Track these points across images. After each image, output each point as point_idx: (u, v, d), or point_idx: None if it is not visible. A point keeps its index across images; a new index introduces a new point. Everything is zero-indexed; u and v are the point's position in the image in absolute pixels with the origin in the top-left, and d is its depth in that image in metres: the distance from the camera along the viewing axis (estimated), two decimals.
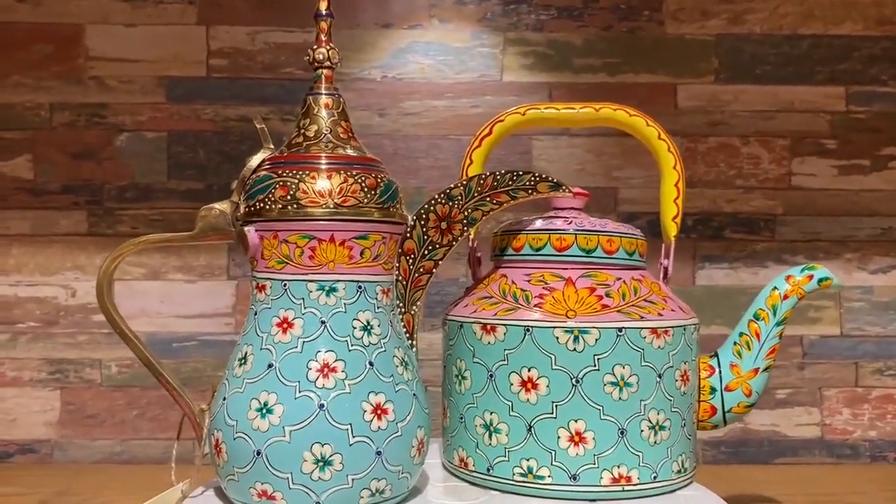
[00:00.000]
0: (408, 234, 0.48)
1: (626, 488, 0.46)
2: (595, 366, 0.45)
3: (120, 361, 0.81)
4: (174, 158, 0.82)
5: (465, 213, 0.48)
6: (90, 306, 0.81)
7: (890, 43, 0.83)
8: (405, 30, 0.82)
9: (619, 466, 0.46)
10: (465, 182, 0.47)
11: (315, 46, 0.50)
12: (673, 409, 0.47)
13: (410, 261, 0.48)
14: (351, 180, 0.45)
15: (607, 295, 0.48)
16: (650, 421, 0.46)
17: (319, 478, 0.42)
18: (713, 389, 0.52)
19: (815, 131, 0.84)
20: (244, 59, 0.81)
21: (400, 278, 0.48)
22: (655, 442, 0.47)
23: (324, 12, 0.50)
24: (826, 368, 0.84)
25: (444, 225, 0.48)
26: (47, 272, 0.81)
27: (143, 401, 0.81)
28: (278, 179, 0.45)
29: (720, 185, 0.83)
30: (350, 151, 0.47)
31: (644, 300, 0.48)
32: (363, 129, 0.82)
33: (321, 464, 0.41)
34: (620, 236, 0.50)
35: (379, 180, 0.46)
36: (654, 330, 0.46)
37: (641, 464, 0.46)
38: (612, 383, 0.46)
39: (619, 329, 0.46)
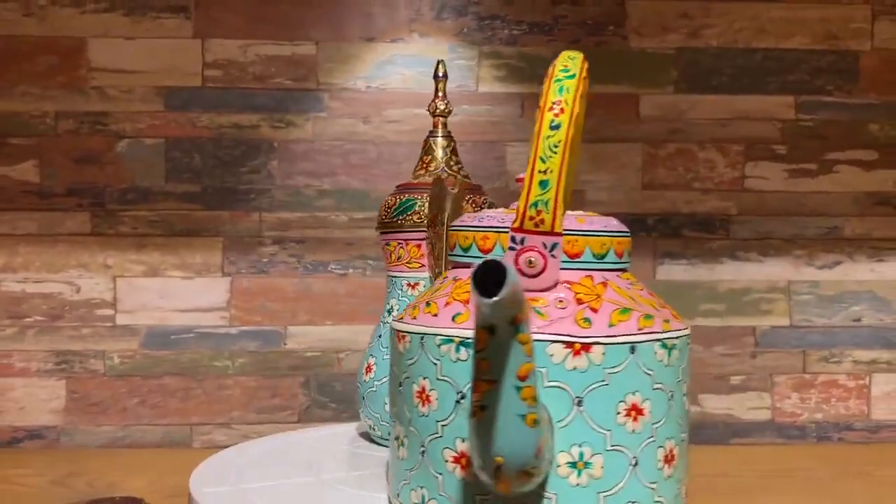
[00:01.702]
0: None
1: None
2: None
3: (122, 353, 0.86)
4: (172, 163, 0.87)
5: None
6: (94, 301, 0.86)
7: (835, 56, 0.89)
8: (388, 43, 0.88)
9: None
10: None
11: (434, 100, 0.67)
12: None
13: None
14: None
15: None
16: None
17: None
18: None
19: (767, 138, 0.90)
20: (237, 70, 0.87)
21: None
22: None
23: (440, 74, 0.67)
24: (776, 357, 0.90)
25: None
26: (53, 269, 0.86)
27: (143, 389, 0.87)
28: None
29: (679, 187, 0.89)
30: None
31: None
32: (349, 136, 0.87)
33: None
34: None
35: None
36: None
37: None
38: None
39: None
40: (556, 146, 0.38)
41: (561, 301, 0.40)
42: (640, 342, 0.39)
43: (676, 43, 0.89)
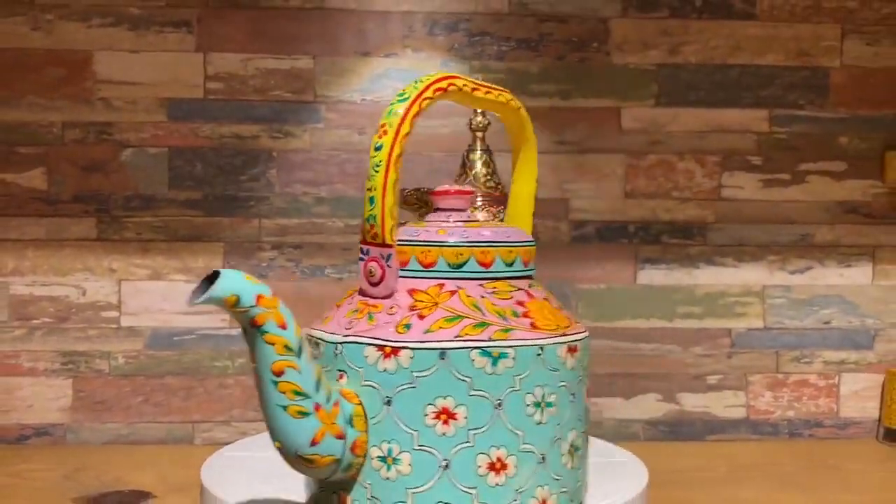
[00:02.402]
0: None
1: None
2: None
3: (126, 353, 0.90)
4: (174, 171, 0.90)
5: None
6: (99, 304, 0.90)
7: (808, 72, 0.94)
8: (382, 58, 0.91)
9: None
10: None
11: (474, 116, 0.70)
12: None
13: None
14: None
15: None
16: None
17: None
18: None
19: (743, 149, 0.94)
20: (238, 82, 0.90)
21: None
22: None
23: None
24: (751, 357, 0.94)
25: None
26: (60, 273, 0.90)
27: (147, 388, 0.90)
28: None
29: (659, 196, 0.93)
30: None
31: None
32: (345, 146, 0.91)
33: None
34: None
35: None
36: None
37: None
38: None
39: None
40: (378, 166, 0.43)
41: (392, 308, 0.43)
42: (454, 349, 0.40)
43: (657, 59, 0.93)
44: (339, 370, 0.43)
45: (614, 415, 0.93)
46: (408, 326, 0.42)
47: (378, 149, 0.43)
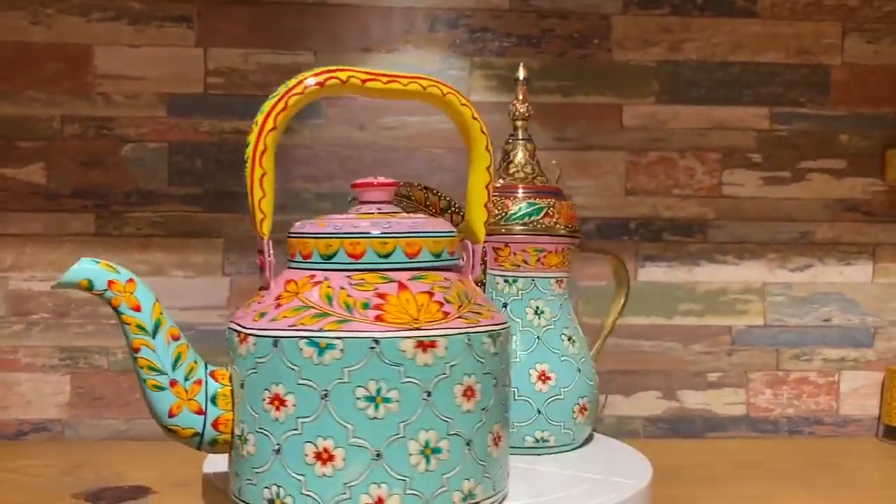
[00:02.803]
0: None
1: None
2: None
3: (125, 349, 0.89)
4: (174, 167, 0.90)
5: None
6: (98, 300, 0.89)
7: (808, 70, 0.94)
8: (383, 54, 0.91)
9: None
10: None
11: (513, 102, 0.67)
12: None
13: None
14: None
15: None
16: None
17: None
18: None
19: (743, 147, 0.94)
20: (238, 77, 0.90)
21: None
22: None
23: (521, 77, 0.67)
24: (751, 354, 0.95)
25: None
26: (59, 269, 0.89)
27: None
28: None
29: (660, 193, 0.94)
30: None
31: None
32: (346, 141, 0.91)
33: None
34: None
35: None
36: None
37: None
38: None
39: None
40: (247, 160, 0.45)
41: (261, 297, 0.45)
42: (284, 337, 0.42)
43: (658, 56, 0.93)
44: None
45: (615, 412, 0.93)
46: (263, 315, 0.43)
47: (247, 145, 0.45)
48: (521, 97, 0.67)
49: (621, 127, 0.93)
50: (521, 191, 0.64)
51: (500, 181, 0.65)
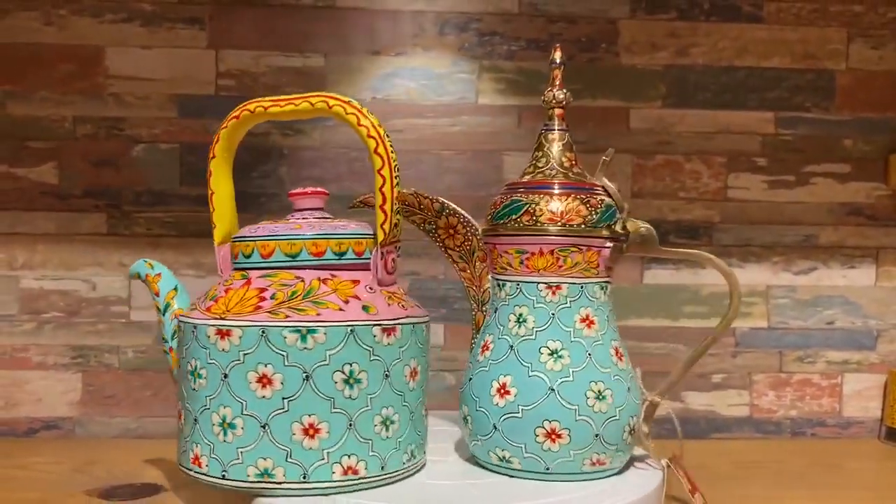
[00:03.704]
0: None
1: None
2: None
3: (136, 348, 0.90)
4: (185, 167, 0.91)
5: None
6: (109, 298, 0.90)
7: (813, 75, 0.95)
8: (392, 57, 0.92)
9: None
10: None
11: (550, 88, 0.61)
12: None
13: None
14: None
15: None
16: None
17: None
18: None
19: (749, 151, 0.95)
20: (249, 79, 0.91)
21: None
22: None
23: (558, 61, 0.61)
24: (755, 356, 0.95)
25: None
26: (70, 268, 0.90)
27: (156, 383, 0.91)
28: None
29: (666, 196, 0.94)
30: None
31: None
32: (354, 143, 0.92)
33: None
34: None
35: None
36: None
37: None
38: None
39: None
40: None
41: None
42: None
43: (665, 60, 0.94)
44: None
45: None
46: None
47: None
48: (558, 82, 0.60)
49: (628, 130, 0.94)
50: (557, 188, 0.58)
51: (527, 177, 0.60)
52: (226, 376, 0.51)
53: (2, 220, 0.89)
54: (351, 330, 0.51)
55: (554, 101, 0.61)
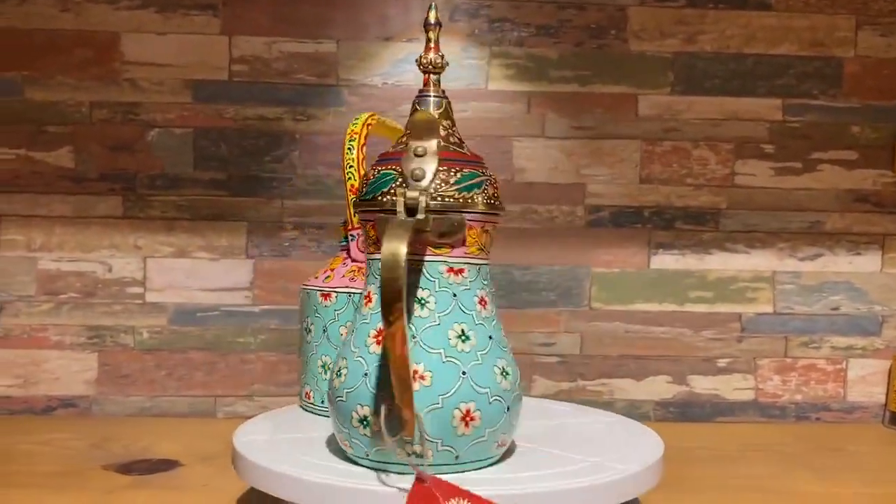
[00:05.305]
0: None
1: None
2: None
3: (151, 328, 0.92)
4: (199, 152, 0.92)
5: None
6: (125, 280, 0.92)
7: (821, 62, 0.95)
8: (403, 43, 0.93)
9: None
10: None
11: (425, 53, 0.54)
12: None
13: None
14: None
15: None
16: None
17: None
18: None
19: (756, 137, 0.96)
20: (262, 65, 0.92)
21: None
22: None
23: (432, 21, 0.54)
24: (760, 341, 0.96)
25: None
26: (87, 250, 0.92)
27: (170, 363, 0.92)
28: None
29: (673, 182, 0.95)
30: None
31: None
32: None
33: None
34: None
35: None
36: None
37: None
38: None
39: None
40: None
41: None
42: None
43: (673, 47, 0.94)
44: None
45: (625, 396, 0.95)
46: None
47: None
48: (433, 44, 0.54)
49: (637, 117, 0.94)
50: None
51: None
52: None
53: (20, 203, 0.91)
54: None
55: (431, 66, 0.54)
